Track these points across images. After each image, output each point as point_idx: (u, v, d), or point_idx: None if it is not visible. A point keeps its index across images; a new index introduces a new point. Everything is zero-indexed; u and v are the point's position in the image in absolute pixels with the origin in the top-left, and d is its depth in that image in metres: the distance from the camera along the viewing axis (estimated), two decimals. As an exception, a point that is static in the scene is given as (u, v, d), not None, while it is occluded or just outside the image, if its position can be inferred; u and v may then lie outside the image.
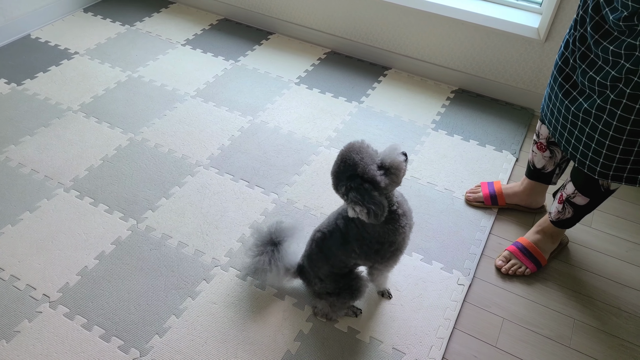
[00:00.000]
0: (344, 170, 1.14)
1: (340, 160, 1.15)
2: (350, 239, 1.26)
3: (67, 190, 1.77)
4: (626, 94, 1.11)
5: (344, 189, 1.13)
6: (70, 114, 2.08)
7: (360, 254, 1.27)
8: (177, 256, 1.57)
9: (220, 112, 2.13)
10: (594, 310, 1.49)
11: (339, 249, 1.28)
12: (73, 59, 2.40)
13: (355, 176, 1.12)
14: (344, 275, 1.34)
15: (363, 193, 1.11)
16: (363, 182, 1.12)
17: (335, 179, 1.17)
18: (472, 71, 2.24)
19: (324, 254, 1.31)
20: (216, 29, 2.66)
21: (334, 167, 1.16)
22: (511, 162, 1.95)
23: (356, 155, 1.12)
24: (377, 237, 1.23)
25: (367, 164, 1.11)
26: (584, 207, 1.45)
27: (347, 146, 1.15)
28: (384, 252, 1.25)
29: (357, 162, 1.12)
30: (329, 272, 1.33)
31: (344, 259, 1.30)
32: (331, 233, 1.29)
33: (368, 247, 1.25)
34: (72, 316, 1.41)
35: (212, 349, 1.35)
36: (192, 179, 1.83)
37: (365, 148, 1.14)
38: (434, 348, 1.37)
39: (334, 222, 1.29)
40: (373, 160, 1.13)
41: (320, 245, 1.32)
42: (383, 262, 1.28)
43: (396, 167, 1.12)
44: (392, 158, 1.13)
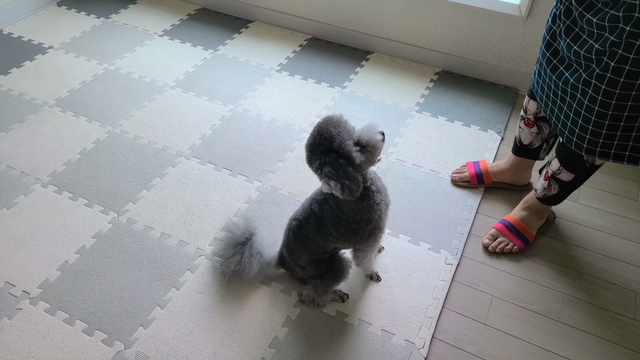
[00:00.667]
0: (319, 143, 1.10)
1: (317, 132, 1.11)
2: (326, 222, 1.23)
3: (45, 185, 1.73)
4: (610, 67, 1.09)
5: (318, 162, 1.10)
6: (46, 109, 2.03)
7: (338, 237, 1.25)
8: (160, 247, 1.54)
9: (200, 101, 2.09)
10: (583, 283, 1.49)
11: (316, 234, 1.26)
12: (47, 53, 2.34)
13: (330, 150, 1.09)
14: (325, 260, 1.32)
15: (337, 168, 1.08)
16: (338, 157, 1.09)
17: (309, 152, 1.13)
18: (455, 52, 2.22)
19: (301, 242, 1.29)
20: (194, 18, 2.61)
21: (309, 139, 1.13)
22: (496, 141, 1.94)
23: (333, 128, 1.09)
24: (352, 216, 1.21)
25: (343, 139, 1.09)
26: (569, 183, 1.44)
27: (325, 119, 1.12)
28: (361, 231, 1.23)
29: (334, 136, 1.08)
30: (309, 259, 1.31)
31: (322, 244, 1.28)
32: (306, 219, 1.26)
33: (345, 227, 1.23)
34: (53, 312, 1.38)
35: (199, 338, 1.33)
36: (173, 169, 1.79)
37: (344, 123, 1.11)
38: (424, 328, 1.36)
39: (308, 208, 1.26)
40: (350, 135, 1.10)
41: (297, 233, 1.29)
42: (362, 242, 1.26)
43: (373, 145, 1.10)
44: (369, 136, 1.11)
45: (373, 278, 1.47)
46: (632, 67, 1.06)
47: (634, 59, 1.05)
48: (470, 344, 1.34)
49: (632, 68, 1.07)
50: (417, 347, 1.32)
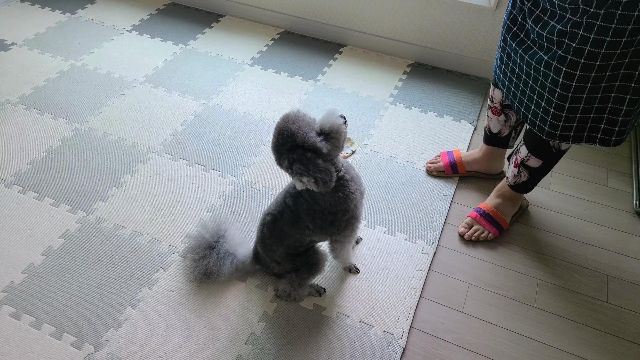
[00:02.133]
0: (282, 142, 1.09)
1: (278, 133, 1.10)
2: (301, 215, 1.21)
3: (9, 185, 1.66)
4: (572, 49, 1.10)
5: (287, 162, 1.09)
6: (9, 107, 1.96)
7: (314, 229, 1.23)
8: (131, 246, 1.50)
9: (171, 97, 2.05)
10: (556, 269, 1.50)
11: (291, 228, 1.24)
12: (10, 50, 2.26)
13: (295, 147, 1.08)
14: (301, 254, 1.30)
15: (307, 163, 1.07)
16: (305, 152, 1.08)
17: (276, 154, 1.12)
18: (426, 44, 2.23)
19: (277, 237, 1.27)
20: (163, 13, 2.56)
21: (273, 141, 1.12)
22: (469, 131, 1.95)
23: (292, 125, 1.08)
24: (328, 207, 1.19)
25: (305, 132, 1.08)
26: (538, 169, 1.45)
27: (282, 118, 1.11)
28: (338, 222, 1.22)
29: (295, 132, 1.07)
30: (285, 254, 1.29)
31: (298, 238, 1.26)
32: (281, 213, 1.24)
33: (321, 219, 1.21)
34: (18, 316, 1.32)
35: (173, 337, 1.29)
36: (144, 166, 1.75)
37: (302, 116, 1.10)
38: (402, 318, 1.35)
39: (282, 202, 1.25)
40: (311, 127, 1.09)
41: (272, 228, 1.27)
42: (339, 232, 1.24)
43: (336, 130, 1.10)
44: (330, 122, 1.10)
45: (352, 270, 1.46)
46: (592, 47, 1.07)
47: (594, 39, 1.06)
48: (448, 332, 1.34)
49: (592, 49, 1.08)
50: (395, 337, 1.31)
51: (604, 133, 1.24)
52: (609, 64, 1.10)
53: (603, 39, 1.06)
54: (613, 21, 1.03)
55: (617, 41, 1.05)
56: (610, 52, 1.07)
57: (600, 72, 1.11)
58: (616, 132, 1.22)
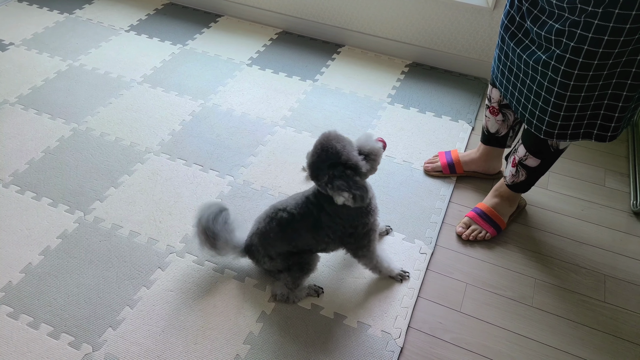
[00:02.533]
0: (325, 159, 1.14)
1: (322, 149, 1.14)
2: (323, 225, 1.24)
3: (6, 185, 1.66)
4: (570, 48, 1.11)
5: (327, 177, 1.13)
6: (7, 107, 1.95)
7: (334, 239, 1.27)
8: (129, 246, 1.50)
9: (169, 97, 2.05)
10: (554, 269, 1.51)
11: (309, 232, 1.26)
12: (8, 50, 2.25)
13: (336, 164, 1.13)
14: (295, 253, 1.31)
15: (347, 180, 1.13)
16: (345, 169, 1.14)
17: (315, 169, 1.16)
18: (425, 44, 2.23)
19: (287, 235, 1.27)
20: (161, 13, 2.56)
21: (314, 157, 1.16)
22: (467, 131, 1.95)
23: (337, 143, 1.14)
24: (351, 221, 1.24)
25: (350, 151, 1.14)
26: (536, 168, 1.45)
27: (325, 136, 1.16)
28: (357, 234, 1.27)
29: (340, 150, 1.13)
30: (285, 252, 1.30)
31: (312, 243, 1.28)
32: (302, 216, 1.25)
33: (342, 232, 1.26)
34: (16, 315, 1.32)
35: (171, 337, 1.29)
36: (142, 166, 1.75)
37: (342, 136, 1.16)
38: (399, 318, 1.35)
39: (304, 206, 1.26)
40: (353, 147, 1.16)
41: (285, 226, 1.27)
42: (356, 243, 1.29)
43: (375, 153, 1.18)
44: (370, 145, 1.18)
45: (402, 278, 1.44)
46: (591, 46, 1.08)
47: (592, 38, 1.07)
48: (445, 332, 1.35)
49: (590, 48, 1.08)
50: (393, 337, 1.31)
51: (600, 129, 1.25)
52: (606, 62, 1.10)
53: (601, 37, 1.06)
54: (611, 20, 1.03)
55: (615, 40, 1.05)
56: (608, 51, 1.07)
57: (598, 70, 1.12)
58: (612, 127, 1.22)
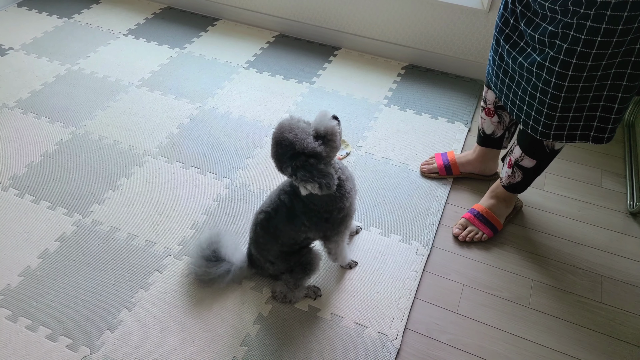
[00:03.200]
0: (282, 152, 1.11)
1: (275, 143, 1.12)
2: (297, 212, 1.23)
3: (5, 189, 1.67)
4: (563, 50, 1.12)
5: (290, 169, 1.11)
6: (6, 111, 1.97)
7: (310, 226, 1.24)
8: (127, 248, 1.50)
9: (167, 100, 2.06)
10: (550, 269, 1.51)
11: (286, 225, 1.25)
12: (7, 54, 2.27)
13: (296, 154, 1.10)
14: (294, 253, 1.31)
15: (310, 169, 1.09)
16: (307, 158, 1.09)
17: (277, 162, 1.14)
18: (421, 46, 2.24)
19: (271, 234, 1.28)
20: (159, 17, 2.57)
21: (272, 150, 1.14)
22: (464, 132, 1.96)
23: (289, 134, 1.10)
24: (324, 206, 1.21)
25: (303, 139, 1.09)
26: (532, 169, 1.46)
27: (277, 128, 1.12)
28: (333, 219, 1.24)
29: (293, 140, 1.09)
30: (279, 252, 1.30)
31: (293, 235, 1.27)
32: (276, 211, 1.25)
33: (317, 217, 1.23)
34: (15, 318, 1.33)
35: (168, 339, 1.30)
36: (140, 169, 1.76)
37: (296, 123, 1.11)
38: (396, 319, 1.36)
39: (276, 199, 1.26)
40: (307, 133, 1.11)
41: (266, 226, 1.27)
42: (334, 229, 1.26)
43: (331, 132, 1.11)
44: (324, 125, 1.11)
45: (351, 267, 1.48)
46: (584, 48, 1.09)
47: (585, 40, 1.08)
48: (442, 333, 1.35)
49: (584, 49, 1.09)
50: (390, 338, 1.32)
51: (596, 131, 1.25)
52: (600, 63, 1.11)
53: (594, 39, 1.07)
54: (603, 22, 1.04)
55: (607, 41, 1.06)
56: (602, 52, 1.08)
57: (592, 71, 1.13)
58: (609, 129, 1.23)
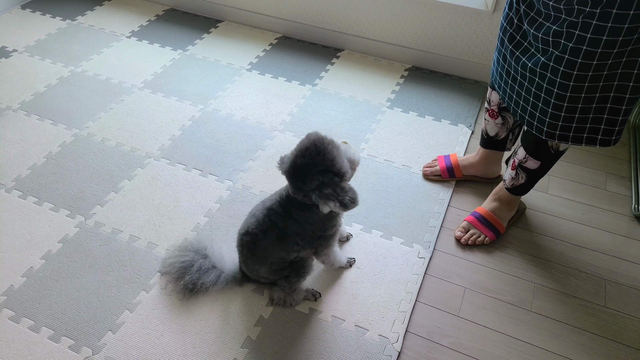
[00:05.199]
0: (318, 163, 1.07)
1: (317, 152, 1.06)
2: (290, 233, 1.21)
3: (9, 190, 1.67)
4: (568, 49, 1.11)
5: (317, 183, 1.07)
6: (10, 113, 1.98)
7: (303, 245, 1.25)
8: (129, 250, 1.51)
9: (169, 102, 2.06)
10: (554, 273, 1.50)
11: (277, 245, 1.23)
12: (11, 57, 2.28)
13: (327, 171, 1.07)
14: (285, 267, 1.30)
15: (335, 187, 1.08)
16: (334, 176, 1.09)
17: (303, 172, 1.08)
18: (424, 48, 2.24)
19: (259, 256, 1.26)
20: (162, 19, 2.58)
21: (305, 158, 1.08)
22: (467, 134, 1.95)
23: (334, 149, 1.08)
24: (320, 225, 1.22)
25: (343, 159, 1.10)
26: (536, 171, 1.45)
27: (319, 138, 1.08)
28: (325, 235, 1.26)
29: (336, 157, 1.08)
30: (269, 271, 1.29)
31: (283, 255, 1.26)
32: (265, 232, 1.22)
33: (310, 236, 1.24)
34: (18, 319, 1.33)
35: (169, 341, 1.30)
36: (142, 171, 1.76)
37: (335, 141, 1.11)
38: (397, 322, 1.36)
39: (266, 220, 1.22)
40: (344, 155, 1.12)
41: (253, 249, 1.25)
42: (325, 243, 1.28)
43: (356, 163, 1.16)
44: (351, 154, 1.15)
45: (351, 265, 1.48)
46: (589, 47, 1.08)
47: (590, 38, 1.07)
48: (443, 336, 1.35)
49: (589, 48, 1.08)
50: (390, 341, 1.31)
51: (604, 134, 1.24)
52: (606, 63, 1.10)
53: (600, 38, 1.06)
54: (609, 20, 1.03)
55: (614, 40, 1.05)
56: (608, 51, 1.07)
57: (597, 71, 1.12)
58: (616, 131, 1.22)
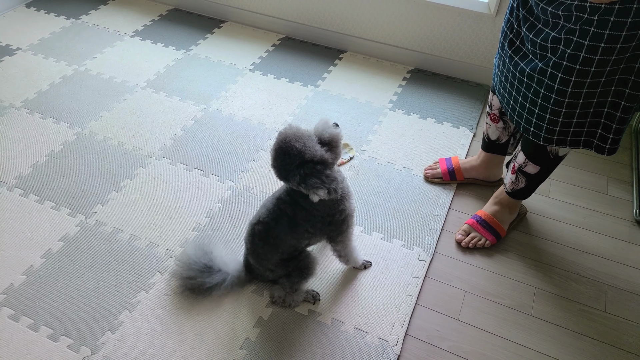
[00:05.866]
0: (289, 161, 1.11)
1: (283, 152, 1.11)
2: (299, 221, 1.23)
3: (10, 188, 1.68)
4: (566, 55, 1.11)
5: (299, 177, 1.10)
6: (13, 111, 1.98)
7: (314, 232, 1.26)
8: (129, 250, 1.51)
9: (172, 102, 2.06)
10: (554, 277, 1.50)
11: (288, 233, 1.24)
12: (15, 55, 2.29)
13: (304, 162, 1.10)
14: (293, 258, 1.31)
15: (319, 175, 1.10)
16: (314, 165, 1.10)
17: (282, 171, 1.13)
18: (427, 50, 2.23)
19: (271, 245, 1.26)
20: (166, 19, 2.58)
21: (277, 160, 1.13)
22: (469, 137, 1.95)
23: (297, 142, 1.10)
24: (327, 210, 1.23)
25: (312, 147, 1.11)
26: (535, 175, 1.45)
27: (281, 137, 1.12)
28: (336, 222, 1.26)
29: (302, 150, 1.10)
30: (278, 261, 1.30)
31: (294, 243, 1.27)
32: (276, 221, 1.24)
33: (321, 222, 1.24)
34: (17, 317, 1.34)
35: (168, 341, 1.30)
36: (143, 170, 1.76)
37: (302, 132, 1.12)
38: (397, 325, 1.35)
39: (276, 209, 1.24)
40: (313, 141, 1.12)
41: (265, 237, 1.26)
42: (337, 229, 1.28)
43: (335, 139, 1.14)
44: (329, 132, 1.14)
45: (366, 267, 1.49)
46: (587, 54, 1.08)
47: (588, 45, 1.07)
48: (443, 340, 1.34)
49: (587, 55, 1.08)
50: (390, 344, 1.31)
51: (599, 139, 1.24)
52: (604, 70, 1.10)
53: (597, 45, 1.06)
54: (607, 28, 1.03)
55: (611, 47, 1.05)
56: (605, 58, 1.07)
57: (595, 78, 1.11)
58: (610, 139, 1.22)
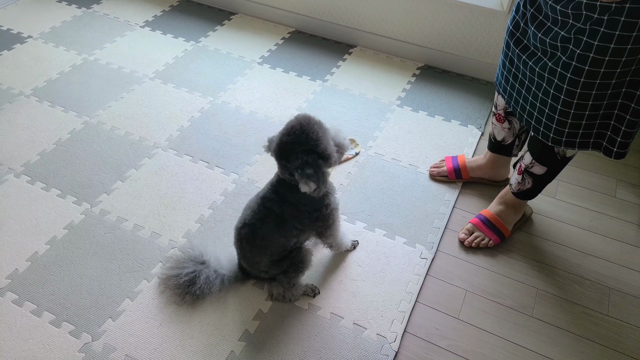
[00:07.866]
0: (302, 142, 1.07)
1: (302, 131, 1.07)
2: (287, 218, 1.21)
3: (18, 175, 1.70)
4: (576, 55, 1.09)
5: (300, 162, 1.08)
6: (23, 99, 2.00)
7: (303, 228, 1.25)
8: (133, 239, 1.52)
9: (179, 93, 2.07)
10: (557, 279, 1.48)
11: (276, 232, 1.22)
12: (26, 42, 2.30)
13: (312, 151, 1.08)
14: (285, 257, 1.29)
15: (317, 170, 1.08)
16: (318, 158, 1.09)
17: (287, 149, 1.09)
18: (437, 47, 2.21)
19: (259, 247, 1.25)
20: (177, 10, 2.58)
21: (290, 136, 1.08)
22: (476, 136, 1.93)
23: (319, 129, 1.08)
24: (314, 204, 1.23)
25: (329, 140, 1.10)
26: (542, 176, 1.43)
27: (305, 118, 1.09)
28: (323, 216, 1.26)
29: (321, 137, 1.08)
30: (269, 262, 1.28)
31: (283, 242, 1.25)
32: (262, 220, 1.22)
33: (308, 218, 1.24)
34: (20, 302, 1.36)
35: (168, 330, 1.31)
36: (149, 161, 1.77)
37: (324, 125, 1.11)
38: (396, 322, 1.35)
39: (262, 209, 1.22)
40: (330, 136, 1.12)
41: (252, 240, 1.24)
42: (325, 224, 1.28)
43: (344, 148, 1.15)
44: (340, 139, 1.14)
45: (355, 247, 1.52)
46: (596, 54, 1.06)
47: (598, 46, 1.05)
48: (442, 338, 1.34)
49: (597, 56, 1.06)
50: (388, 341, 1.31)
51: (608, 142, 1.22)
52: (614, 71, 1.08)
53: (607, 45, 1.04)
54: (617, 28, 1.01)
55: (621, 48, 1.04)
56: (615, 59, 1.05)
57: (605, 79, 1.10)
58: (618, 142, 1.20)
